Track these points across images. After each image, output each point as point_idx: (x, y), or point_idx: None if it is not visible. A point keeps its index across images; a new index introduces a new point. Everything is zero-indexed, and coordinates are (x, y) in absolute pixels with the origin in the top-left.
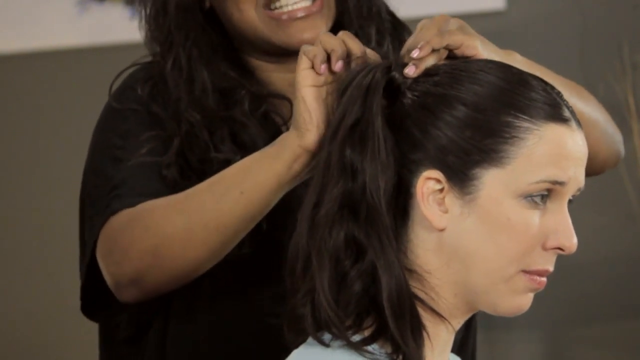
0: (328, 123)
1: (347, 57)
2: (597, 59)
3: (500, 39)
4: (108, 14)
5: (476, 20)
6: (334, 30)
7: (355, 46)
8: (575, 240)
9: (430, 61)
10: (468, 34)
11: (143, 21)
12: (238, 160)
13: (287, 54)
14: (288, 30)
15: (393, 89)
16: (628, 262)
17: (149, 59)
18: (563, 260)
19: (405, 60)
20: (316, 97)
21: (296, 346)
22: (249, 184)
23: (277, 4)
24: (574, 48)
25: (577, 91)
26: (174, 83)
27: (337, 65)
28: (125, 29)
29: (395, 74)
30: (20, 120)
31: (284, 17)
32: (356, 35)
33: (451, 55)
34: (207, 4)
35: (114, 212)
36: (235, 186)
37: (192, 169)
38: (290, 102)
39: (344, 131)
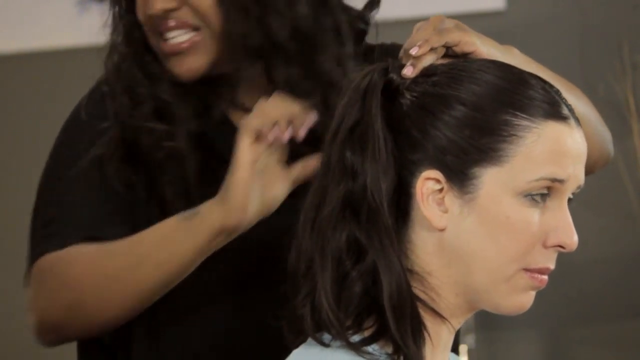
0: (257, 203)
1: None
2: (597, 59)
3: (500, 39)
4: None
5: (476, 20)
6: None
7: (292, 109)
8: (575, 237)
9: (428, 60)
10: (465, 31)
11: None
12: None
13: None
14: (170, 63)
15: (391, 90)
16: (628, 262)
17: None
18: (563, 260)
19: (404, 60)
20: (252, 176)
21: (296, 346)
22: (167, 255)
23: (163, 40)
24: (574, 48)
25: (570, 89)
26: (110, 76)
27: (285, 136)
28: None
29: (393, 75)
30: (20, 120)
31: (166, 50)
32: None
33: (450, 53)
34: None
35: (42, 253)
36: (153, 257)
37: (132, 158)
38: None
39: (344, 133)
